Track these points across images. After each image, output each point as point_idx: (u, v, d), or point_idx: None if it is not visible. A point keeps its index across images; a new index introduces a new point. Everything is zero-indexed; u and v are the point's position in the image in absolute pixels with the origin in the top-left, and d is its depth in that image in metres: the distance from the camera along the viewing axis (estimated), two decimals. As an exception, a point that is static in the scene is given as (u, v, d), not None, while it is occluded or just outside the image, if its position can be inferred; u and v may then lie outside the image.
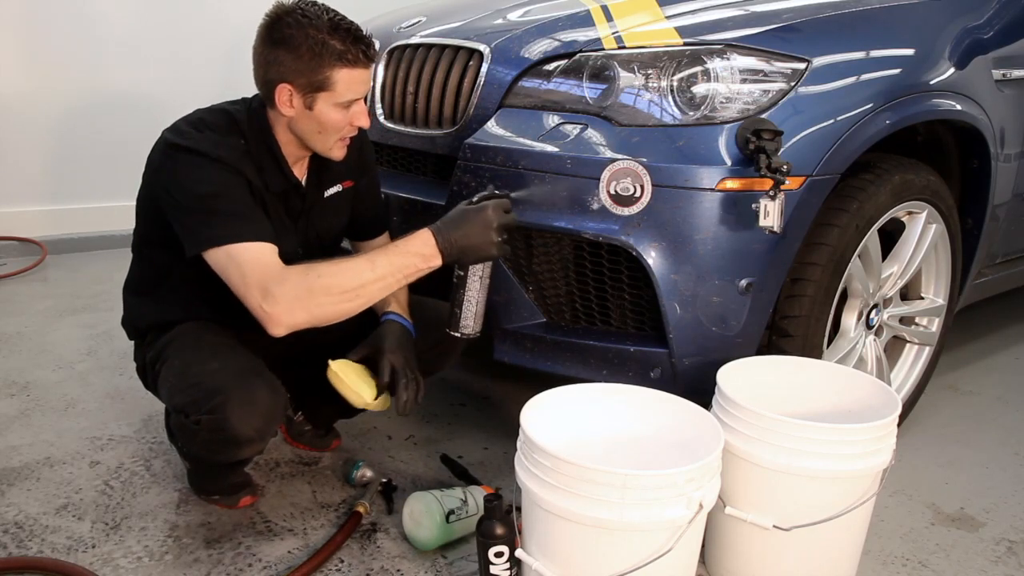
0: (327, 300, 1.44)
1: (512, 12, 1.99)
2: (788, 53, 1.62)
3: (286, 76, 1.47)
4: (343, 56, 1.46)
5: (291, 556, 1.58)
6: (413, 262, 1.50)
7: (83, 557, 1.55)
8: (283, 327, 1.42)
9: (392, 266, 1.48)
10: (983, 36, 1.99)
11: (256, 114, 1.56)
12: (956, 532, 1.74)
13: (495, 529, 1.38)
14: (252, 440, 1.47)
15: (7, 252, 3.51)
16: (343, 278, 1.45)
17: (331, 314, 1.46)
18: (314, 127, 1.52)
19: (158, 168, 1.52)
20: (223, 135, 1.51)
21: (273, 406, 1.48)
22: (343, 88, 1.48)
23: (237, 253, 1.43)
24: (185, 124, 1.52)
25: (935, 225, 1.98)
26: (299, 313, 1.42)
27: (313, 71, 1.46)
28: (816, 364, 1.64)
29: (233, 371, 1.48)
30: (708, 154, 1.56)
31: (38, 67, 3.49)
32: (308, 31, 1.44)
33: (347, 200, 1.74)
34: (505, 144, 1.70)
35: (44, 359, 2.46)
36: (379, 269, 1.47)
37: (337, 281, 1.44)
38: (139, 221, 1.65)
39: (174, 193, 1.48)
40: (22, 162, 3.53)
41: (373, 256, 1.49)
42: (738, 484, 1.43)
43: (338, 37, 1.45)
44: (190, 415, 1.47)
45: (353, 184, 1.73)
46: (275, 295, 1.40)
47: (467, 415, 2.18)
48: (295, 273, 1.43)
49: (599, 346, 1.70)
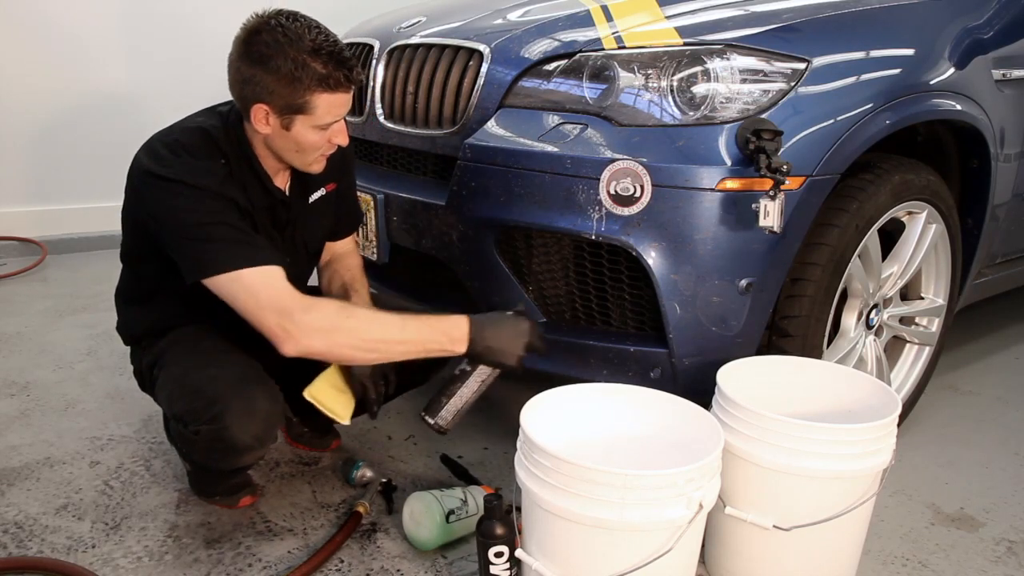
0: (347, 341, 1.43)
1: (512, 12, 1.99)
2: (788, 53, 1.62)
3: (262, 96, 1.41)
4: (324, 81, 1.40)
5: (291, 556, 1.58)
6: (439, 339, 1.49)
7: (83, 557, 1.55)
8: (297, 349, 1.41)
9: (420, 335, 1.48)
10: (983, 36, 1.99)
11: (234, 129, 1.51)
12: (956, 532, 1.73)
13: (495, 529, 1.38)
14: (252, 448, 1.47)
15: (7, 252, 3.51)
16: (371, 328, 1.45)
17: (346, 356, 1.47)
18: (291, 146, 1.48)
19: (139, 194, 1.47)
20: (202, 159, 1.45)
21: (272, 413, 1.47)
22: (323, 112, 1.43)
23: (244, 279, 1.40)
24: (161, 147, 1.46)
25: (935, 225, 1.98)
26: (317, 342, 1.41)
27: (292, 94, 1.40)
28: (816, 364, 1.64)
29: (231, 378, 1.47)
30: (708, 154, 1.56)
31: (37, 67, 3.49)
32: (288, 51, 1.37)
33: (331, 203, 1.73)
34: (505, 144, 1.70)
35: (44, 359, 2.46)
36: (407, 333, 1.47)
37: (365, 328, 1.44)
38: (125, 234, 1.62)
39: (162, 223, 1.44)
40: (22, 162, 3.54)
41: (405, 319, 1.48)
42: (738, 484, 1.43)
43: (320, 60, 1.39)
44: (189, 424, 1.46)
45: (336, 186, 1.72)
46: (296, 319, 1.39)
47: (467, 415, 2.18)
48: (328, 305, 1.45)
49: (599, 346, 1.70)
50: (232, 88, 1.46)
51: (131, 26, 3.64)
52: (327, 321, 1.41)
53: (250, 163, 1.52)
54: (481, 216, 1.73)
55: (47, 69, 3.50)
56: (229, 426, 1.41)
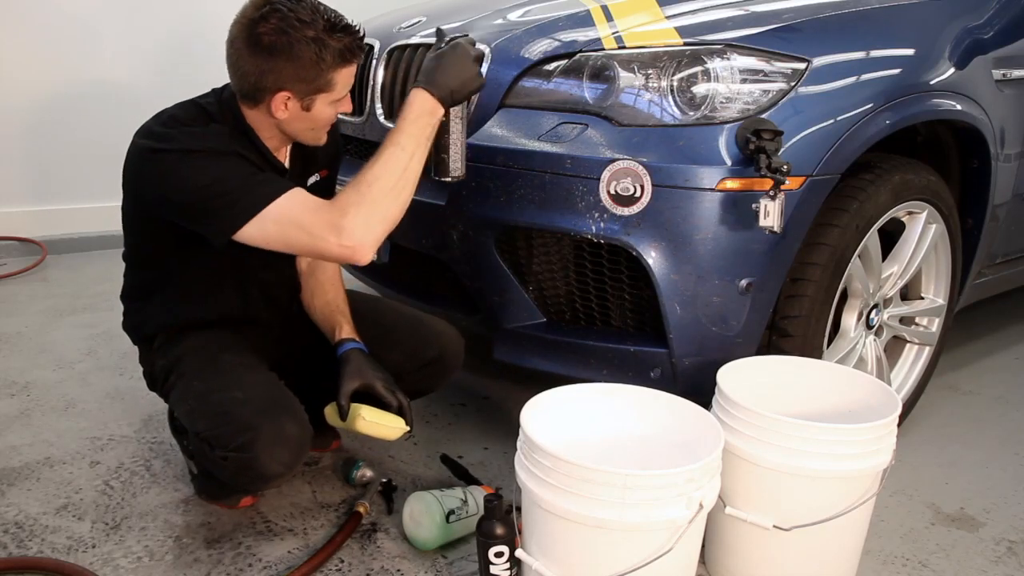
0: (388, 202, 1.42)
1: (512, 12, 1.99)
2: (788, 53, 1.62)
3: (283, 85, 1.42)
4: (343, 55, 1.43)
5: (291, 556, 1.58)
6: (426, 121, 1.47)
7: (83, 557, 1.55)
8: (370, 250, 1.41)
9: (413, 137, 1.46)
10: (983, 36, 1.99)
11: (228, 104, 1.51)
12: (956, 532, 1.73)
13: (495, 529, 1.38)
14: (281, 475, 1.45)
15: (7, 252, 3.51)
16: (388, 174, 1.43)
17: (397, 213, 1.45)
18: (308, 125, 1.51)
19: (142, 176, 1.46)
20: (202, 126, 1.46)
21: (302, 440, 1.45)
22: (342, 86, 1.48)
23: (279, 213, 1.38)
24: (157, 125, 1.46)
25: (935, 225, 1.98)
26: (377, 228, 1.41)
27: (316, 77, 1.42)
28: (816, 364, 1.64)
29: (260, 403, 1.44)
30: (708, 154, 1.56)
31: (37, 66, 3.48)
32: (307, 34, 1.38)
33: (323, 189, 1.71)
34: (505, 144, 1.70)
35: (44, 359, 2.46)
36: (408, 147, 1.44)
37: (385, 180, 1.42)
38: (128, 233, 1.61)
39: (173, 196, 1.42)
40: (22, 162, 3.53)
41: (394, 139, 1.45)
42: (738, 484, 1.43)
43: (335, 36, 1.41)
44: (215, 448, 1.44)
45: (328, 173, 1.73)
46: (346, 228, 1.38)
47: (467, 415, 2.18)
48: (349, 197, 1.41)
49: (599, 346, 1.70)
50: (242, 81, 1.45)
51: (133, 25, 3.64)
52: (362, 207, 1.39)
53: (248, 137, 1.51)
54: (481, 216, 1.73)
55: (47, 68, 3.50)
56: (259, 455, 1.39)
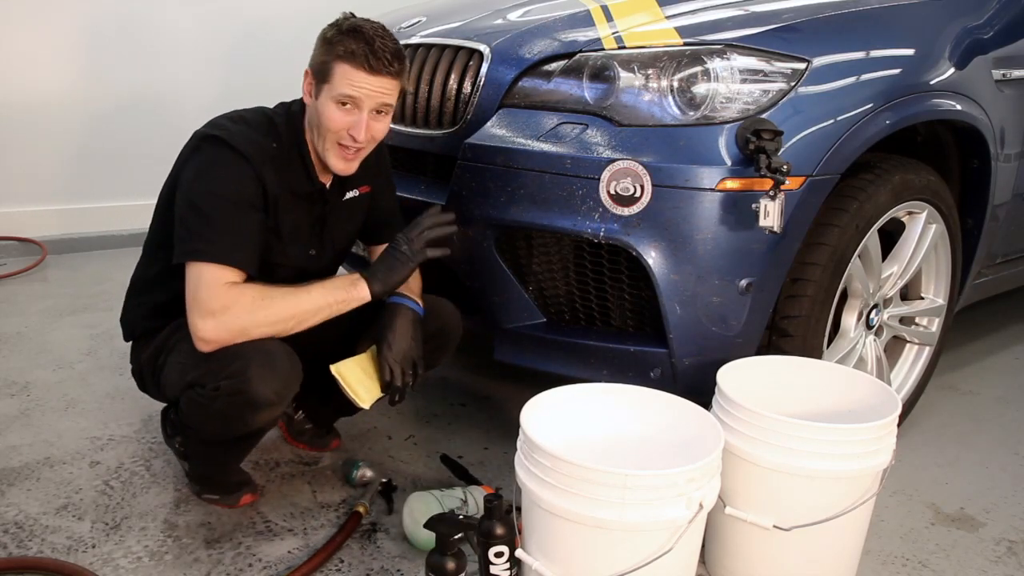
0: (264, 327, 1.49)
1: (512, 12, 1.99)
2: (788, 53, 1.62)
3: (311, 61, 1.54)
4: (348, 51, 1.48)
5: (291, 556, 1.58)
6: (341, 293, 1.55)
7: (83, 557, 1.55)
8: (211, 348, 1.47)
9: (325, 297, 1.53)
10: (983, 36, 1.99)
11: (293, 118, 1.61)
12: (956, 532, 1.73)
13: (495, 529, 1.37)
14: (271, 403, 1.48)
15: (7, 252, 3.50)
16: (282, 308, 1.50)
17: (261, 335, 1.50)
18: (315, 119, 1.55)
19: (186, 159, 1.56)
20: (258, 134, 1.55)
21: (292, 369, 1.51)
22: (338, 81, 1.49)
23: (199, 272, 1.47)
24: (223, 118, 1.57)
25: (935, 225, 1.98)
26: (234, 339, 1.47)
27: (321, 55, 1.51)
28: (816, 364, 1.65)
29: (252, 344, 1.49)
30: (708, 154, 1.56)
31: (37, 67, 3.48)
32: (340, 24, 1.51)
33: (363, 205, 1.76)
34: (505, 144, 1.70)
35: (44, 359, 2.46)
36: (313, 300, 1.53)
37: (276, 310, 1.50)
38: (156, 219, 1.66)
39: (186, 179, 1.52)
40: (22, 162, 3.53)
41: (311, 289, 1.54)
42: (738, 484, 1.43)
43: (357, 40, 1.48)
44: (207, 384, 1.48)
45: (370, 189, 1.75)
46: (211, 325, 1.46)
47: (467, 415, 2.18)
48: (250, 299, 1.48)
49: (599, 346, 1.70)
50: None
51: (136, 26, 3.64)
52: (238, 320, 1.47)
53: (300, 151, 1.60)
54: (481, 216, 1.73)
55: (47, 68, 3.50)
56: (251, 378, 1.44)
